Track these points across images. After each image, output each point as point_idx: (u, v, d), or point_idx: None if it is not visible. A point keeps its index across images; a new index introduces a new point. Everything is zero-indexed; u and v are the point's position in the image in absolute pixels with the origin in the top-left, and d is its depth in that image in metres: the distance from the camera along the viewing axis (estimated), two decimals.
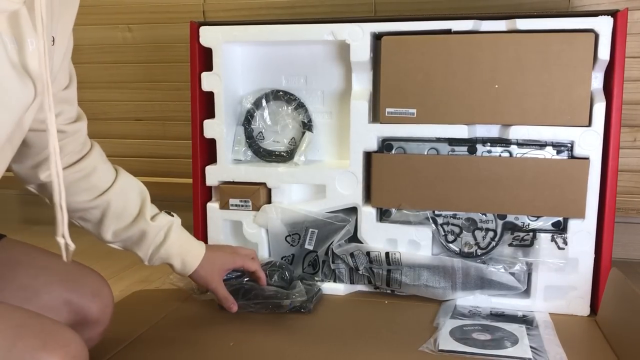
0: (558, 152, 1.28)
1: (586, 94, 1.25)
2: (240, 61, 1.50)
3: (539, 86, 1.26)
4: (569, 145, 1.28)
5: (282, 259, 1.45)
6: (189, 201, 1.49)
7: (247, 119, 1.48)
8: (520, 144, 1.30)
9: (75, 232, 2.02)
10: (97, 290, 0.98)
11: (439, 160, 1.33)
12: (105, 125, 2.03)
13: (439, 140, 1.33)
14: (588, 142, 1.26)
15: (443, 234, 1.35)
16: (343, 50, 1.41)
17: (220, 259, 1.21)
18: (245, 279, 1.32)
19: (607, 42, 1.22)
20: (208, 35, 1.42)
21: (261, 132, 1.49)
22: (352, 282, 1.42)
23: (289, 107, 1.47)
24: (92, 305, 0.96)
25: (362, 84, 1.39)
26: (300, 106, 1.47)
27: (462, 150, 1.33)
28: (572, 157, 1.28)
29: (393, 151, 1.36)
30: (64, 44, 0.91)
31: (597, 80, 1.27)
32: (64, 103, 0.96)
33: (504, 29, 1.28)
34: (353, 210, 1.41)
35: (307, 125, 1.47)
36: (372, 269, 1.38)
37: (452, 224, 1.35)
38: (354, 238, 1.41)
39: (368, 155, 1.38)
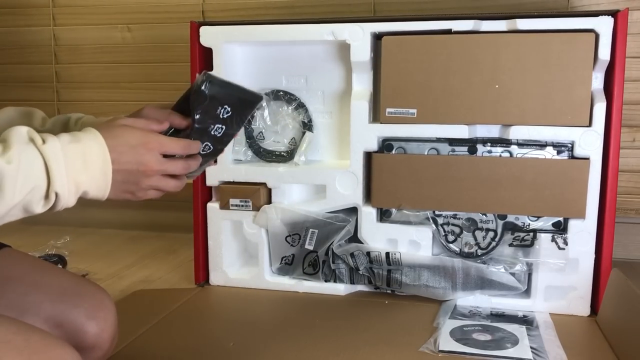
0: (558, 153, 1.28)
1: (586, 94, 1.25)
2: (241, 61, 1.50)
3: (539, 86, 1.26)
4: (570, 145, 1.28)
5: (282, 259, 1.45)
6: (189, 201, 1.49)
7: (248, 119, 1.48)
8: (521, 144, 1.30)
9: (76, 232, 2.03)
10: (93, 312, 0.87)
11: (439, 160, 1.33)
12: None
13: (439, 140, 1.33)
14: (588, 142, 1.26)
15: (443, 234, 1.35)
16: (343, 50, 1.41)
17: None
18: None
19: (608, 42, 1.22)
20: (208, 36, 1.41)
21: (261, 132, 1.49)
22: (352, 282, 1.42)
23: (289, 107, 1.47)
24: (86, 329, 0.85)
25: (362, 84, 1.39)
26: (301, 106, 1.47)
27: (463, 150, 1.32)
28: (572, 157, 1.28)
29: (393, 151, 1.36)
30: None
31: (597, 81, 1.27)
32: None
33: (504, 29, 1.28)
34: (353, 211, 1.41)
35: (307, 125, 1.47)
36: (373, 269, 1.38)
37: (453, 224, 1.35)
38: (354, 238, 1.41)
39: (368, 155, 1.38)
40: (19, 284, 0.85)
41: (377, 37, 1.37)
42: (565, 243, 1.28)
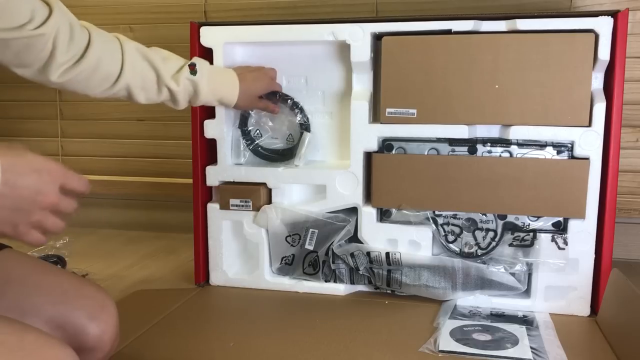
0: (558, 153, 1.28)
1: (586, 94, 1.24)
2: (241, 61, 1.49)
3: (539, 86, 1.26)
4: (569, 145, 1.27)
5: (282, 259, 1.45)
6: (189, 201, 1.49)
7: (242, 121, 1.47)
8: (521, 144, 1.30)
9: (76, 232, 2.03)
10: (94, 313, 0.86)
11: (439, 160, 1.33)
12: (108, 125, 2.04)
13: (439, 140, 1.33)
14: (588, 142, 1.26)
15: (443, 234, 1.35)
16: (343, 50, 1.41)
17: (254, 88, 1.35)
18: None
19: (607, 43, 1.22)
20: (208, 36, 1.42)
21: (258, 130, 1.48)
22: (352, 282, 1.42)
23: (285, 107, 1.46)
24: (88, 330, 0.84)
25: (362, 84, 1.39)
26: (296, 106, 1.46)
27: (463, 150, 1.32)
28: (572, 157, 1.28)
29: (393, 151, 1.36)
30: None
31: (597, 81, 1.27)
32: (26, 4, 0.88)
33: (504, 29, 1.28)
34: (353, 211, 1.41)
35: (304, 126, 1.47)
36: (373, 269, 1.38)
37: (453, 224, 1.35)
38: (355, 238, 1.41)
39: (368, 156, 1.38)
40: (19, 286, 0.85)
41: (377, 38, 1.37)
42: (565, 243, 1.28)
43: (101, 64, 1.03)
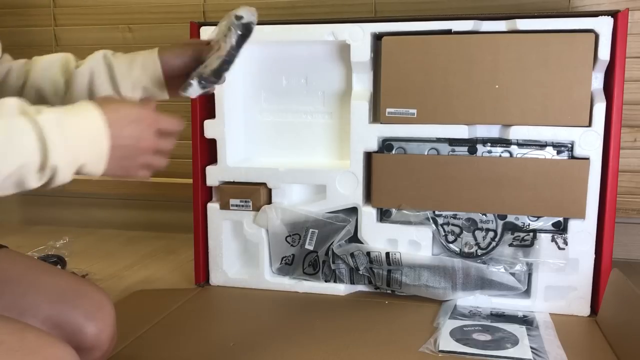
0: (558, 153, 1.28)
1: (586, 94, 1.25)
2: (241, 61, 1.49)
3: (539, 86, 1.26)
4: (569, 145, 1.28)
5: (282, 259, 1.45)
6: (189, 201, 1.49)
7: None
8: (521, 144, 1.30)
9: (76, 232, 2.03)
10: (92, 313, 0.86)
11: (439, 160, 1.33)
12: None
13: (439, 140, 1.33)
14: (588, 142, 1.26)
15: (443, 234, 1.35)
16: (343, 50, 1.41)
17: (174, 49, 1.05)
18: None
19: (607, 43, 1.22)
20: (208, 36, 1.41)
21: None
22: (352, 283, 1.42)
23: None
24: (85, 329, 0.84)
25: (362, 84, 1.39)
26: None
27: (463, 150, 1.32)
28: (572, 157, 1.28)
29: (393, 151, 1.36)
30: None
31: (597, 81, 1.27)
32: None
33: (504, 29, 1.28)
34: (353, 211, 1.41)
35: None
36: (373, 269, 1.38)
37: (453, 224, 1.35)
38: (355, 238, 1.41)
39: (368, 156, 1.38)
40: (16, 285, 0.85)
41: (377, 38, 1.37)
42: (565, 243, 1.28)
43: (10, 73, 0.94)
